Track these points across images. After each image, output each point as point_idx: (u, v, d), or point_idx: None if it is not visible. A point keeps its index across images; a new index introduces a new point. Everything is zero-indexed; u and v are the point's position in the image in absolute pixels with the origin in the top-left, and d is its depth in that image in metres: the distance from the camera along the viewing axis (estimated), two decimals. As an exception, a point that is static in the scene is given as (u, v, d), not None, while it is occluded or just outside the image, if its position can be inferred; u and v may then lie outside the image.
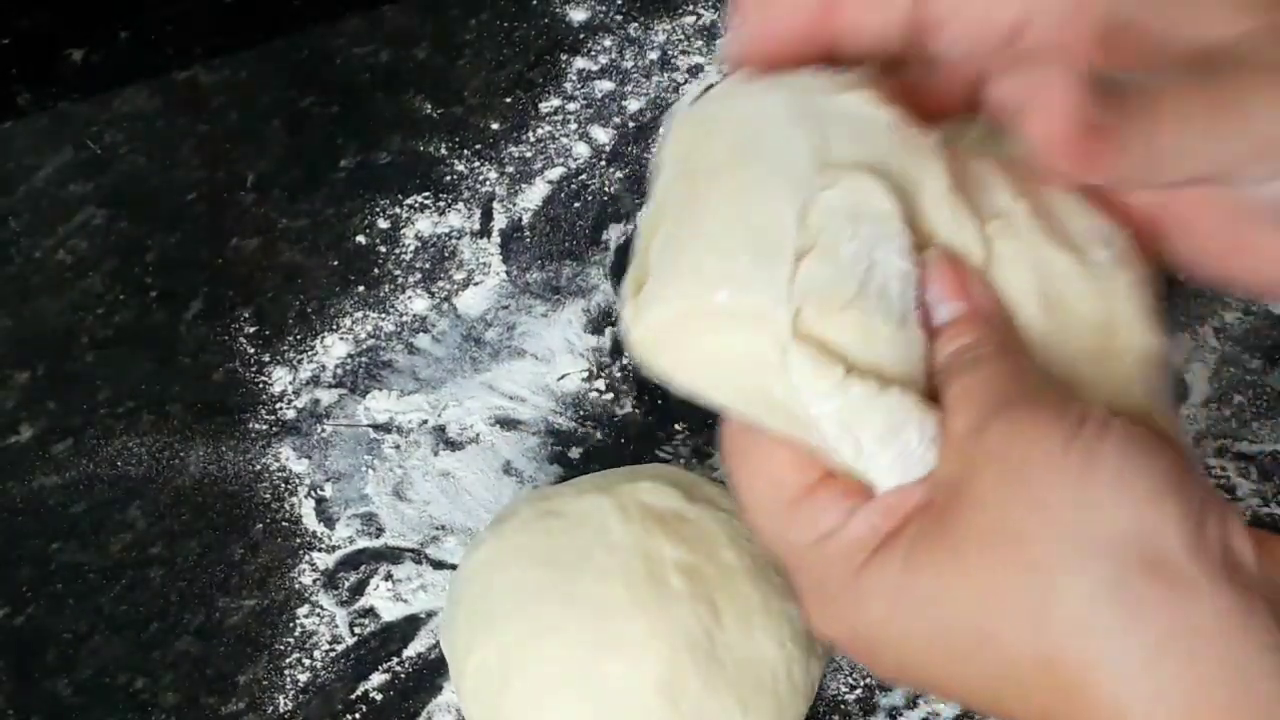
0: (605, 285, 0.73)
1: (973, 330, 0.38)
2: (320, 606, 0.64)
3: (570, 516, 0.57)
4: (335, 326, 0.73)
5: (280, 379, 0.71)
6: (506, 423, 0.69)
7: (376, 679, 0.62)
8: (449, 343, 0.72)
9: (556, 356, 0.71)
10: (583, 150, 0.79)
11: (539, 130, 0.80)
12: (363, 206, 0.77)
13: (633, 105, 0.81)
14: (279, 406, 0.70)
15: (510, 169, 0.78)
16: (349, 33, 0.84)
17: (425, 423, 0.69)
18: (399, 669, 0.62)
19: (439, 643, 0.61)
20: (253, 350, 0.72)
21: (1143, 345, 0.41)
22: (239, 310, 0.74)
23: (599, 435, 0.68)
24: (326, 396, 0.70)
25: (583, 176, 0.78)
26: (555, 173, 0.78)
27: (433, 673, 0.62)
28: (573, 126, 0.80)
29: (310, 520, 0.66)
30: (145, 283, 0.75)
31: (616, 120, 0.80)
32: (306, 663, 0.62)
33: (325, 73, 0.83)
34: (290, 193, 0.78)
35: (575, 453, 0.68)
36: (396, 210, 0.77)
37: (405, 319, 0.73)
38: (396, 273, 0.74)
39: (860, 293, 0.38)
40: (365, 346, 0.72)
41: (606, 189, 0.77)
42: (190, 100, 0.82)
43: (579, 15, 0.85)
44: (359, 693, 0.62)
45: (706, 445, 0.67)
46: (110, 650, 0.63)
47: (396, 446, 0.69)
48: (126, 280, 0.75)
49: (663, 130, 0.42)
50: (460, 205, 0.77)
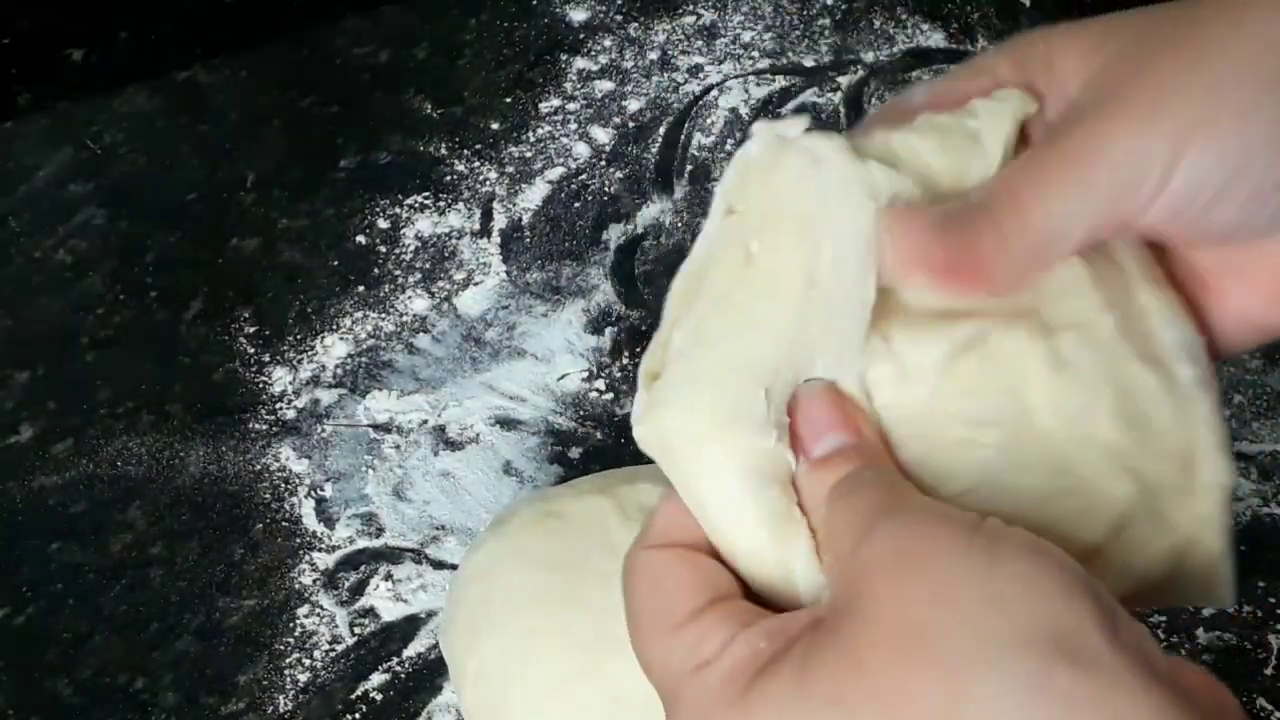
0: (605, 285, 0.73)
1: (856, 460, 0.37)
2: (320, 606, 0.64)
3: (570, 518, 0.57)
4: (335, 326, 0.73)
5: (280, 379, 0.71)
6: (506, 423, 0.69)
7: (376, 679, 0.62)
8: (449, 343, 0.72)
9: (556, 356, 0.71)
10: (583, 150, 0.79)
11: (539, 130, 0.80)
12: (363, 206, 0.77)
13: (633, 105, 0.81)
14: (279, 406, 0.70)
15: (510, 169, 0.78)
16: (349, 33, 0.84)
17: (425, 423, 0.69)
18: (399, 669, 0.62)
19: (439, 643, 0.61)
20: (253, 350, 0.72)
21: (1222, 482, 0.38)
22: (239, 310, 0.74)
23: (599, 435, 0.68)
24: (326, 396, 0.70)
25: (583, 176, 0.78)
26: (555, 173, 0.78)
27: (433, 673, 0.62)
28: (573, 126, 0.80)
29: (310, 520, 0.66)
30: (145, 283, 0.75)
31: (616, 120, 0.80)
32: (306, 663, 0.62)
33: (325, 73, 0.83)
34: (290, 193, 0.78)
35: (575, 453, 0.68)
36: (396, 210, 0.77)
37: (405, 319, 0.73)
38: (396, 273, 0.74)
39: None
40: (365, 346, 0.72)
41: (606, 189, 0.77)
42: (190, 100, 0.82)
43: (579, 15, 0.85)
44: (359, 693, 0.62)
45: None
46: (110, 650, 0.63)
47: (396, 446, 0.69)
48: (126, 280, 0.75)
49: (739, 159, 0.40)
50: (460, 205, 0.77)
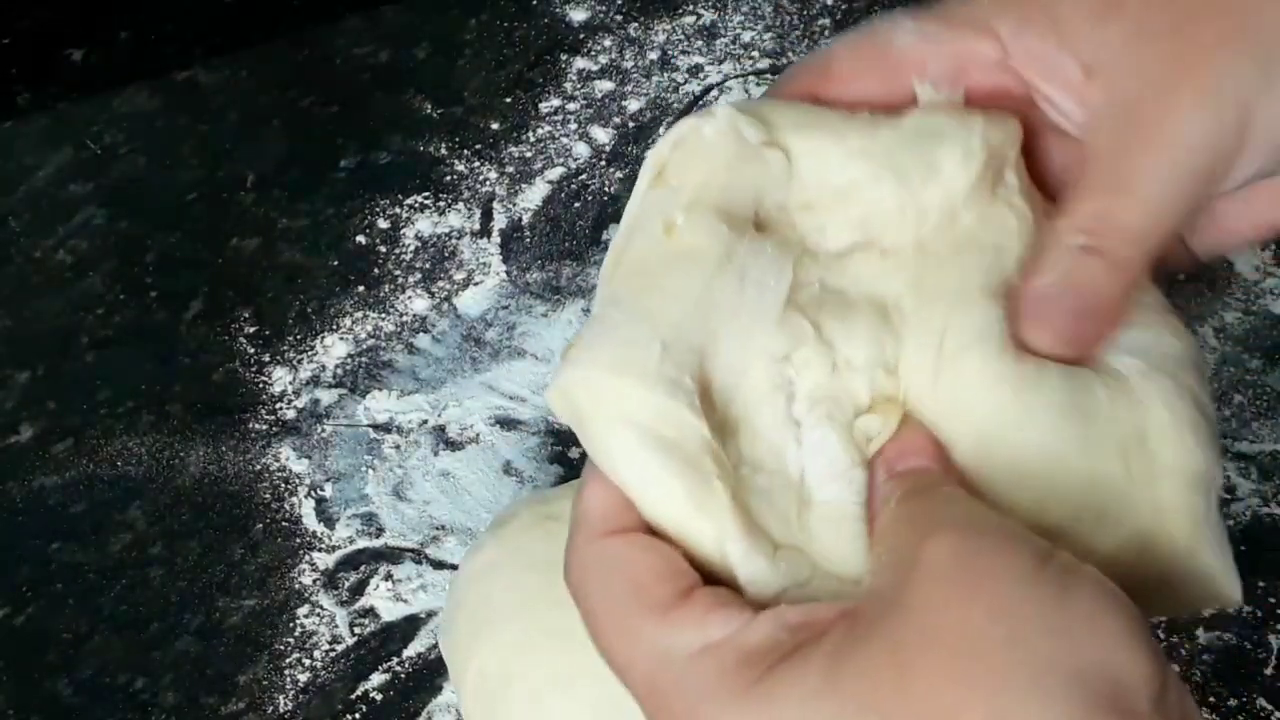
0: (605, 285, 0.73)
1: (924, 459, 0.37)
2: (320, 606, 0.64)
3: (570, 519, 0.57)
4: (335, 326, 0.73)
5: (280, 379, 0.71)
6: (506, 423, 0.69)
7: (376, 679, 0.62)
8: (449, 343, 0.72)
9: (556, 356, 0.71)
10: (583, 150, 0.79)
11: (539, 130, 0.80)
12: (363, 206, 0.77)
13: (633, 105, 0.81)
14: (279, 406, 0.70)
15: (510, 169, 0.78)
16: (349, 33, 0.84)
17: (425, 423, 0.69)
18: (399, 669, 0.62)
19: (439, 644, 0.61)
20: (253, 350, 0.72)
21: (1184, 467, 0.37)
22: (239, 310, 0.74)
23: (599, 435, 0.68)
24: (326, 396, 0.70)
25: (583, 176, 0.78)
26: (555, 173, 0.78)
27: (433, 673, 0.62)
28: (573, 126, 0.80)
29: (310, 520, 0.66)
30: (145, 283, 0.75)
31: (616, 120, 0.80)
32: (306, 663, 0.62)
33: (325, 73, 0.83)
34: (290, 193, 0.78)
35: (575, 453, 0.68)
36: (396, 210, 0.77)
37: (405, 319, 0.73)
38: (396, 273, 0.74)
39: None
40: (365, 346, 0.72)
41: (606, 189, 0.77)
42: (190, 100, 0.82)
43: (579, 15, 0.85)
44: (359, 693, 0.61)
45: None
46: (110, 650, 0.63)
47: (396, 446, 0.69)
48: (126, 280, 0.75)
49: (657, 145, 0.41)
50: (460, 205, 0.77)
